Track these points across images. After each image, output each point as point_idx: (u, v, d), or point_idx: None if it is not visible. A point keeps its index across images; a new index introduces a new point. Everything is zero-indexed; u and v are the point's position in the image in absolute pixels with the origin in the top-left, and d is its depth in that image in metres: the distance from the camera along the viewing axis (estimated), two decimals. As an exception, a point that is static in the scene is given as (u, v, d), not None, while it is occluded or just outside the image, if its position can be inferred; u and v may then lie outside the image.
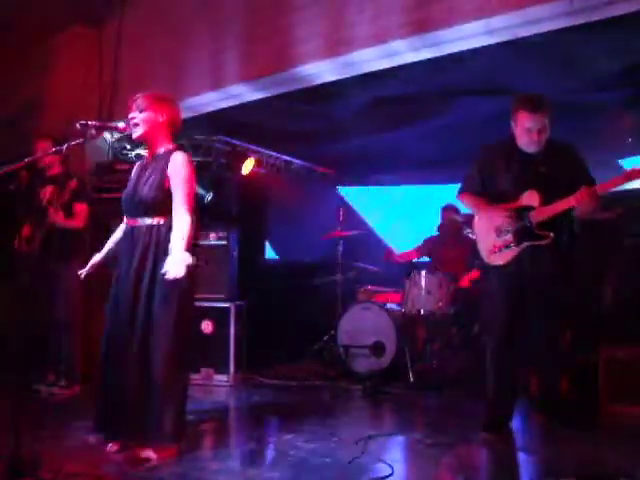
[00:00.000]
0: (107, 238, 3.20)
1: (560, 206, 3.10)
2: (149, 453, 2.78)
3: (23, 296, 2.60)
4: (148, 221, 2.89)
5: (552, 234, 3.13)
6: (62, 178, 4.27)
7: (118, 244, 3.09)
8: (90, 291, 4.48)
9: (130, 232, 2.95)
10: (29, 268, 4.00)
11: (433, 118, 5.52)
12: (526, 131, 3.18)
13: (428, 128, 5.78)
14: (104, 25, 5.34)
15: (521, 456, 3.08)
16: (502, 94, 4.68)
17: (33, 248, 4.13)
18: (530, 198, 3.19)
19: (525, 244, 3.18)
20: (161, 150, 2.99)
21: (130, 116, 2.95)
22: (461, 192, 3.49)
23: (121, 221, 3.09)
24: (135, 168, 3.12)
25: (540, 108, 3.14)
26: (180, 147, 3.04)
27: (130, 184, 3.04)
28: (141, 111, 2.93)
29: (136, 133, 2.94)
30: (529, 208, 3.18)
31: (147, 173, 2.96)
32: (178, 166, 2.90)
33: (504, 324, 3.30)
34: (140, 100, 2.94)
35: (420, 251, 5.83)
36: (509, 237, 3.22)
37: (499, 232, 3.25)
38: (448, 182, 7.31)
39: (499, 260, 3.27)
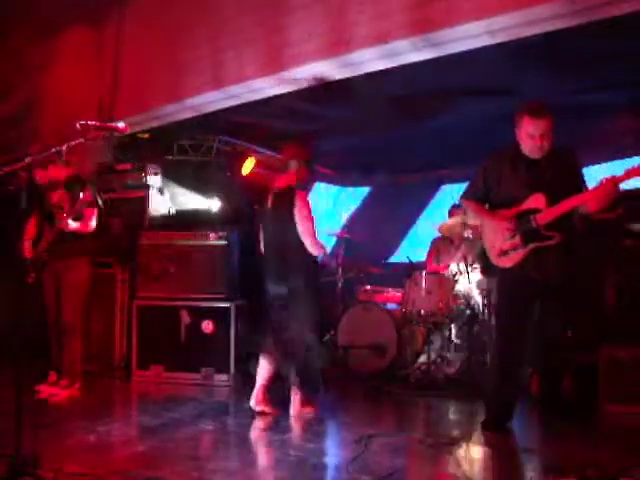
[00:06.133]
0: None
1: (571, 202, 3.13)
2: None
3: (26, 296, 2.59)
4: None
5: (559, 234, 3.15)
6: (73, 182, 4.20)
7: None
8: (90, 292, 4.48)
9: None
10: (35, 270, 3.97)
11: (432, 118, 5.52)
12: (529, 136, 3.21)
13: (427, 128, 5.77)
14: (104, 25, 5.34)
15: (521, 456, 3.08)
16: (502, 94, 4.69)
17: (40, 250, 4.12)
18: (536, 201, 3.22)
19: (532, 245, 3.20)
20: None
21: None
22: (465, 197, 3.54)
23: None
24: None
25: (543, 114, 3.17)
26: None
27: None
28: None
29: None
30: (535, 210, 3.20)
31: None
32: None
33: (512, 325, 3.32)
34: None
35: (432, 254, 5.81)
36: (516, 239, 3.24)
37: (506, 235, 3.27)
38: (446, 183, 7.33)
39: (507, 262, 3.29)
